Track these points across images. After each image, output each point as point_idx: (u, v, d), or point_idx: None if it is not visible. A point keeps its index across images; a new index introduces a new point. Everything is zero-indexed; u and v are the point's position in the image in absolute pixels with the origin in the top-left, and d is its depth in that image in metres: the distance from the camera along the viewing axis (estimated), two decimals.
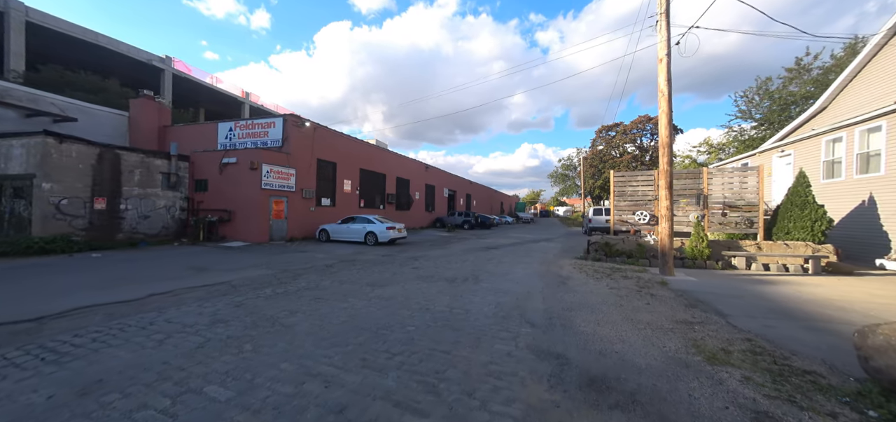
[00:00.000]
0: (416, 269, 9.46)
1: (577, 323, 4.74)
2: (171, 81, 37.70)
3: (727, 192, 10.60)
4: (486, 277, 8.24)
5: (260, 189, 15.24)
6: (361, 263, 10.48)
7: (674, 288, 7.04)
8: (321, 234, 17.16)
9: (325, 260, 10.90)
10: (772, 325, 4.62)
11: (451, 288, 7.02)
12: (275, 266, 9.40)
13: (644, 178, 11.93)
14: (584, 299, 6.08)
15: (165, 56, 36.91)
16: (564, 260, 11.45)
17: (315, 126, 18.79)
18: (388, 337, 4.17)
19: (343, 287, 6.98)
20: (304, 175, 17.81)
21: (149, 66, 34.87)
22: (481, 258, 11.73)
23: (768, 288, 7.23)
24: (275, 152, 16.47)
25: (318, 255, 12.20)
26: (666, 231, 8.46)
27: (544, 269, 9.68)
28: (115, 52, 31.67)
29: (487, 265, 10.14)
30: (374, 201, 24.72)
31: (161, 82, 36.85)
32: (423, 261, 11.00)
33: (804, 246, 9.13)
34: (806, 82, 23.58)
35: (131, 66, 34.27)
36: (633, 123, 49.13)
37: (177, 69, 38.77)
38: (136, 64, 34.02)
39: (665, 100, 8.54)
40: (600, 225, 23.66)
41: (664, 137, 8.54)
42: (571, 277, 8.37)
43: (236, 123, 17.94)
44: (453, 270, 9.33)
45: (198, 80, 40.60)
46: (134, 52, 33.38)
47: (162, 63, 36.42)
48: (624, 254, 11.03)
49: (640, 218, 11.64)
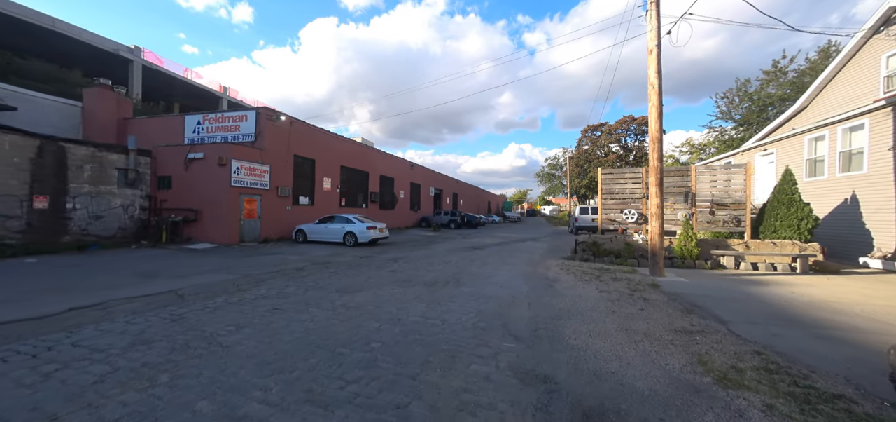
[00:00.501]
0: (394, 272, 8.78)
1: (567, 335, 4.20)
2: (141, 74, 35.46)
3: (715, 190, 10.40)
4: (469, 281, 7.65)
5: (229, 186, 14.19)
6: (336, 265, 9.72)
7: (666, 291, 6.63)
8: (298, 234, 16.22)
9: (296, 263, 10.07)
10: (777, 333, 4.20)
11: (430, 293, 6.39)
12: (237, 271, 8.53)
13: (632, 175, 11.62)
14: (573, 305, 5.57)
15: (134, 46, 34.70)
16: (551, 260, 11.00)
17: (292, 120, 17.78)
18: (346, 359, 3.51)
19: (308, 294, 6.25)
20: (279, 172, 16.79)
21: (115, 56, 32.64)
22: (465, 259, 11.16)
23: (762, 289, 6.92)
24: (246, 147, 15.41)
25: (290, 257, 11.34)
26: (656, 230, 8.08)
27: (530, 270, 9.18)
28: (76, 41, 29.45)
29: (471, 267, 9.56)
30: (357, 200, 23.81)
31: (130, 74, 34.61)
32: (403, 263, 10.33)
33: (791, 245, 8.96)
34: (782, 85, 24.13)
35: (95, 57, 32.02)
36: (618, 123, 49.75)
37: (147, 61, 36.54)
38: (100, 54, 31.79)
39: (655, 93, 8.17)
40: (587, 224, 23.54)
41: (654, 131, 8.16)
42: (559, 279, 7.89)
43: (205, 116, 16.73)
44: (434, 272, 8.70)
45: (170, 73, 38.42)
46: (98, 41, 31.19)
47: (130, 53, 34.20)
48: (612, 254, 10.68)
49: (628, 217, 11.33)
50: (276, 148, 16.62)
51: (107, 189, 12.99)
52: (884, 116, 9.29)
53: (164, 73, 37.71)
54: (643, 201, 11.30)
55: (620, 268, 9.31)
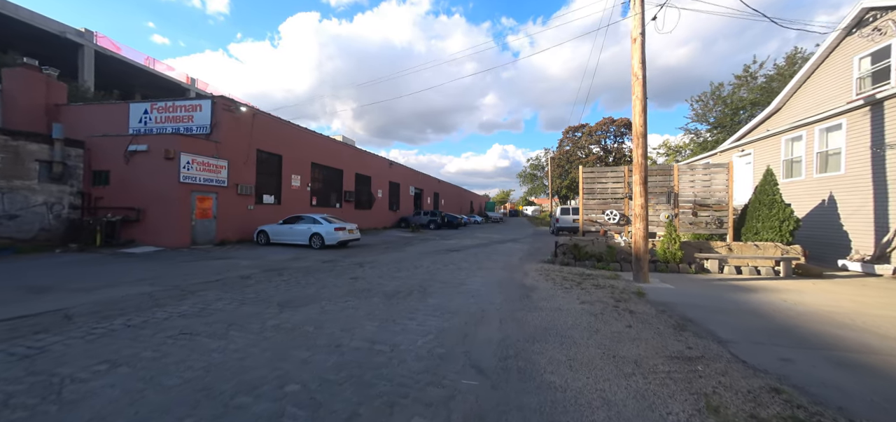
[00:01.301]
0: (354, 280, 7.78)
1: (542, 365, 3.38)
2: (93, 60, 32.44)
3: (697, 190, 10.02)
4: (437, 290, 6.77)
5: (177, 183, 12.67)
6: (291, 272, 8.59)
7: (653, 300, 5.99)
8: (260, 236, 14.84)
9: (245, 269, 8.86)
10: (788, 358, 3.56)
11: (387, 308, 5.45)
12: (167, 280, 7.27)
13: (614, 174, 11.11)
14: (551, 321, 4.78)
15: (84, 29, 31.66)
16: (530, 264, 10.30)
17: (254, 112, 16.33)
18: (242, 413, 2.53)
19: (240, 311, 5.17)
20: (239, 168, 15.33)
21: (62, 39, 29.61)
22: (438, 263, 10.27)
23: (752, 297, 6.42)
24: (200, 140, 13.89)
25: (242, 262, 10.08)
26: (640, 233, 7.48)
27: (507, 276, 8.40)
28: (12, 20, 26.44)
29: (442, 272, 8.69)
30: (329, 199, 22.46)
31: (80, 60, 31.57)
32: (368, 268, 9.32)
33: (773, 247, 8.64)
34: (753, 89, 24.74)
35: (38, 39, 28.94)
36: (599, 124, 50.39)
37: (100, 46, 33.53)
38: (43, 36, 28.76)
39: (639, 84, 7.57)
40: (568, 225, 23.23)
41: (639, 125, 7.56)
42: (537, 287, 7.14)
43: (153, 104, 15.03)
44: (400, 279, 7.76)
45: (129, 61, 35.46)
46: (40, 22, 28.21)
47: (79, 37, 31.16)
48: (594, 256, 10.09)
49: (610, 218, 10.80)
50: (235, 142, 15.15)
51: (23, 184, 11.22)
52: (861, 115, 9.16)
53: (122, 60, 34.71)
54: (625, 202, 10.80)
55: (603, 273, 8.69)
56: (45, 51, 29.37)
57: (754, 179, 12.62)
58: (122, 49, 35.90)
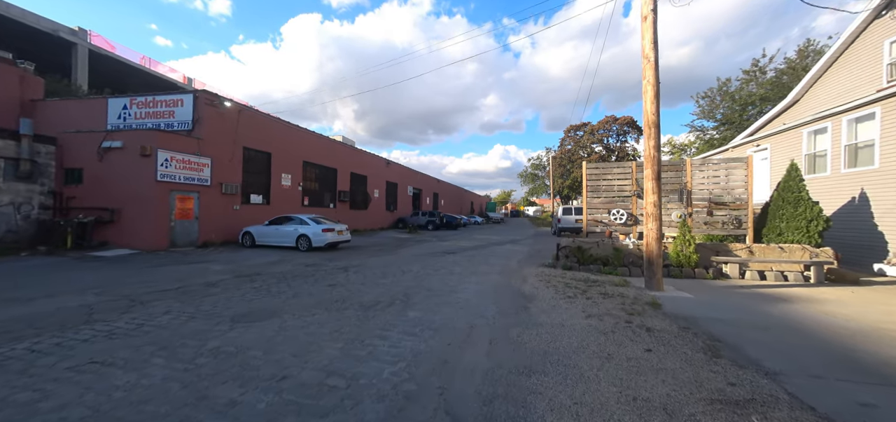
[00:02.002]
0: (332, 287, 6.96)
1: (539, 414, 2.54)
2: (87, 59, 31.81)
3: (713, 186, 9.14)
4: (422, 300, 5.94)
5: (155, 181, 11.90)
6: (265, 278, 7.78)
7: (671, 313, 5.13)
8: (245, 238, 14.06)
9: (215, 275, 8.06)
10: (868, 402, 2.70)
11: (359, 323, 4.62)
12: (117, 290, 6.47)
13: (621, 170, 10.25)
14: (552, 343, 3.94)
15: (78, 28, 31.01)
16: (530, 268, 9.45)
17: (240, 107, 15.57)
18: None
19: (184, 328, 4.36)
20: (224, 166, 14.56)
21: (55, 38, 28.98)
22: (429, 267, 9.44)
23: (787, 309, 5.55)
24: (180, 136, 13.14)
25: (215, 266, 9.28)
26: (653, 234, 6.62)
27: (504, 282, 7.56)
28: (4, 18, 25.81)
29: (432, 278, 7.85)
30: (323, 199, 21.69)
31: (73, 60, 30.94)
32: (352, 273, 8.50)
33: (801, 249, 7.75)
34: (762, 84, 23.79)
35: (30, 38, 28.31)
36: (601, 123, 49.47)
37: (94, 45, 32.92)
38: (35, 35, 28.13)
39: (651, 67, 6.72)
40: (570, 225, 22.35)
41: (650, 113, 6.70)
42: (536, 295, 6.29)
43: (132, 99, 14.29)
44: (383, 287, 6.93)
45: (123, 60, 34.87)
46: (32, 20, 27.58)
47: (73, 36, 30.53)
48: (599, 260, 9.23)
49: (617, 217, 9.94)
50: (219, 138, 14.39)
51: None
52: None
53: (116, 59, 34.13)
54: (633, 200, 9.94)
55: (610, 279, 7.83)
56: (37, 50, 28.79)
57: (771, 176, 11.73)
58: (116, 48, 35.29)
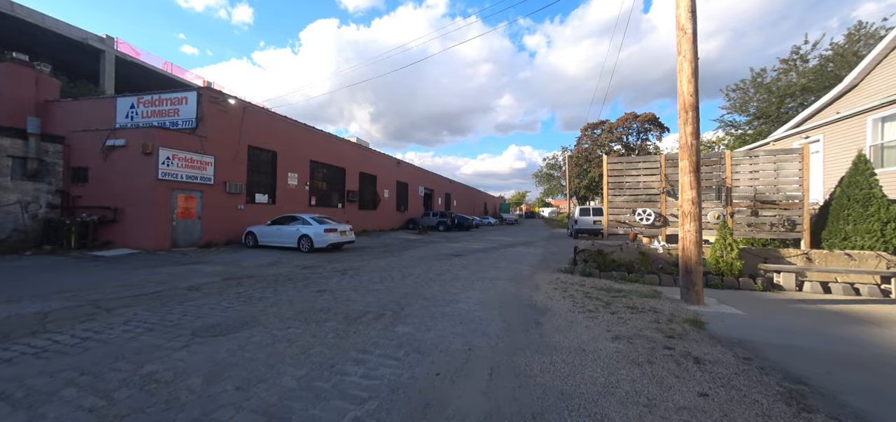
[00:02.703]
0: (321, 292, 6.29)
1: None
2: (114, 65, 32.98)
3: (758, 182, 7.91)
4: (416, 311, 5.15)
5: (155, 180, 11.67)
6: (254, 281, 7.21)
7: (722, 336, 4.13)
8: (248, 237, 13.74)
9: (204, 277, 7.56)
10: None
11: (335, 342, 3.88)
12: (89, 294, 6.01)
13: (647, 165, 9.14)
14: (569, 377, 3.06)
15: (105, 36, 32.18)
16: (543, 274, 8.49)
17: (244, 105, 15.30)
18: None
19: (132, 344, 3.75)
20: (228, 165, 14.29)
21: (84, 46, 30.13)
22: (433, 271, 8.65)
23: (879, 335, 4.41)
24: (183, 134, 12.92)
25: (207, 268, 8.83)
26: (692, 237, 5.57)
27: (513, 290, 6.67)
28: (39, 28, 26.94)
29: (432, 285, 7.05)
30: (331, 199, 21.31)
31: (101, 66, 32.12)
32: (347, 277, 7.82)
33: (874, 257, 6.48)
34: (804, 73, 21.70)
35: (62, 46, 29.53)
36: (620, 120, 47.40)
37: (121, 52, 34.07)
38: (67, 43, 29.30)
39: (688, 41, 5.69)
40: (587, 226, 21.07)
41: (688, 94, 5.67)
42: (550, 308, 5.38)
43: (140, 97, 14.24)
44: (376, 293, 6.19)
45: (147, 65, 36.02)
46: (65, 30, 28.70)
47: (101, 43, 31.66)
48: (623, 266, 8.18)
49: (643, 218, 8.84)
50: (223, 137, 14.13)
51: None
52: None
53: (140, 65, 35.25)
54: (662, 198, 8.81)
55: (636, 288, 6.79)
56: (69, 57, 30.10)
57: (825, 170, 10.26)
58: (140, 54, 36.47)
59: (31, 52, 26.33)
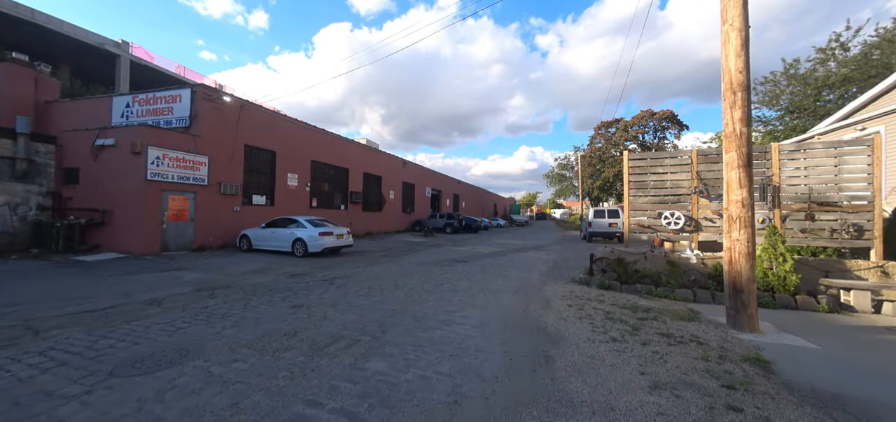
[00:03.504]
0: (296, 308, 5.45)
1: None
2: (129, 69, 33.48)
3: (814, 180, 6.67)
4: (401, 336, 4.23)
5: (144, 180, 11.15)
6: (230, 293, 6.45)
7: (800, 384, 3.05)
8: (242, 241, 13.14)
9: (178, 287, 6.84)
10: None
11: (285, 384, 3.00)
12: (34, 309, 5.33)
13: (675, 161, 7.99)
14: None
15: (121, 40, 32.69)
16: (556, 285, 7.45)
17: (241, 103, 14.75)
18: None
19: (23, 387, 2.96)
20: (222, 164, 13.75)
21: (101, 51, 30.64)
22: (430, 282, 7.72)
23: None
24: (175, 133, 12.41)
25: (188, 275, 8.15)
26: (742, 247, 4.47)
27: (520, 307, 5.68)
28: (57, 34, 27.40)
29: (427, 300, 6.12)
30: (333, 201, 20.67)
31: (117, 70, 32.64)
32: (334, 288, 6.98)
33: None
34: (846, 62, 19.82)
35: (80, 51, 30.08)
36: (635, 118, 45.53)
37: (135, 56, 34.55)
38: (84, 48, 29.82)
39: (736, 4, 4.60)
40: (603, 230, 19.77)
41: (736, 70, 4.58)
42: (564, 334, 4.37)
43: (135, 96, 13.86)
44: (359, 310, 5.30)
45: (160, 69, 36.55)
46: (82, 35, 29.18)
47: (117, 48, 32.16)
48: (648, 277, 7.07)
49: (671, 222, 7.69)
50: (218, 135, 13.59)
51: None
52: None
53: (154, 69, 35.74)
54: (693, 199, 7.65)
55: (667, 306, 5.70)
56: (86, 62, 30.62)
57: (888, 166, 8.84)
58: (155, 59, 36.98)
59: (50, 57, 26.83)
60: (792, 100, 22.01)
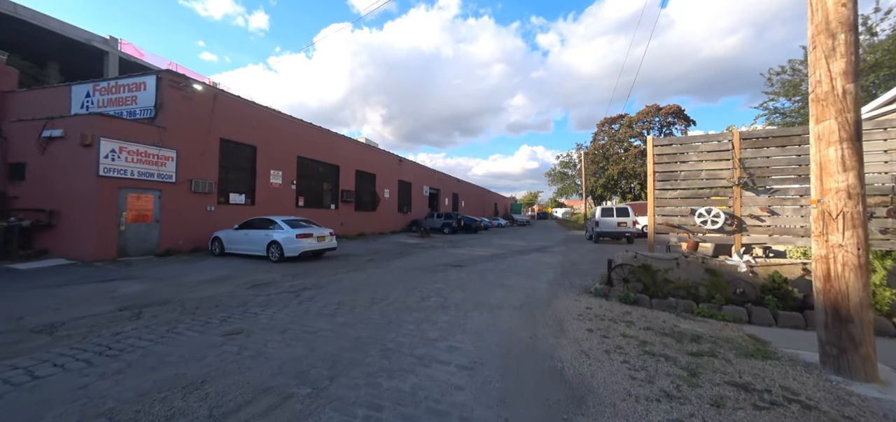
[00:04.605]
0: (235, 335, 4.12)
1: None
2: (118, 67, 32.24)
3: None
4: (356, 384, 2.88)
5: (96, 177, 9.84)
6: (166, 310, 5.11)
7: None
8: (214, 244, 11.84)
9: (96, 306, 5.51)
10: None
11: None
12: None
13: (711, 147, 6.60)
14: None
15: (109, 37, 31.45)
16: (567, 299, 6.09)
17: (215, 93, 13.42)
18: None
19: None
20: (195, 160, 12.43)
21: (89, 47, 29.41)
22: (416, 294, 6.36)
23: None
24: (133, 124, 11.11)
25: (126, 288, 6.83)
26: (850, 257, 3.10)
27: (525, 332, 4.32)
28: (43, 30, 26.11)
29: (406, 321, 4.76)
30: (322, 200, 19.34)
31: (104, 68, 31.41)
32: (295, 305, 5.63)
33: None
34: (874, 48, 18.33)
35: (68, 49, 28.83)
36: (640, 114, 44.10)
37: (124, 53, 33.31)
38: (71, 44, 28.56)
39: None
40: (610, 229, 18.36)
41: (835, 3, 3.19)
42: (593, 387, 3.01)
43: (95, 85, 12.55)
44: (314, 339, 3.95)
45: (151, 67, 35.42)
46: (68, 31, 27.90)
47: (105, 44, 30.93)
48: (683, 289, 5.71)
49: (709, 220, 6.31)
50: (189, 128, 12.27)
51: None
52: None
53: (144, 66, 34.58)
54: (736, 192, 6.27)
55: (721, 332, 4.34)
56: (74, 59, 29.39)
57: None
58: (145, 56, 35.73)
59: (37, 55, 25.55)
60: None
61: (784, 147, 6.05)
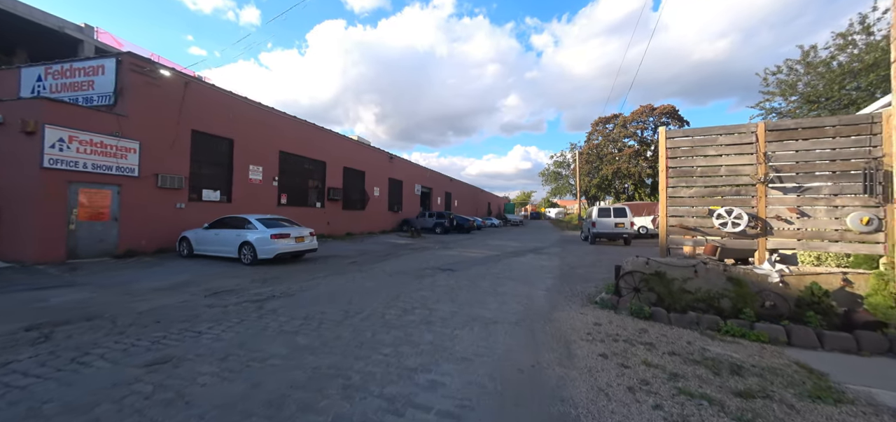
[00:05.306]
0: (158, 366, 3.21)
1: None
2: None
3: None
4: None
5: (39, 169, 8.72)
6: (84, 332, 4.16)
7: None
8: (182, 244, 10.80)
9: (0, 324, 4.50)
10: None
11: None
12: None
13: (731, 140, 5.88)
14: None
15: (84, 24, 29.50)
16: (571, 311, 5.30)
17: (186, 80, 12.30)
18: None
19: None
20: (162, 152, 11.32)
21: (61, 35, 27.55)
22: (398, 305, 5.49)
23: None
24: (86, 110, 9.99)
25: (59, 297, 5.82)
26: None
27: (526, 360, 3.50)
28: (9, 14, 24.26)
29: (382, 343, 3.90)
30: (307, 197, 18.29)
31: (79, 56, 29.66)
32: (252, 320, 4.72)
33: None
34: (872, 47, 18.08)
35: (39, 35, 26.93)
36: (634, 114, 43.84)
37: (101, 42, 31.33)
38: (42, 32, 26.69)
39: None
40: (607, 230, 17.75)
41: None
42: None
43: (47, 68, 11.35)
44: (259, 371, 3.06)
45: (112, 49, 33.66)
46: (39, 17, 26.03)
47: (79, 32, 28.98)
48: (704, 301, 4.96)
49: (730, 222, 5.59)
50: (155, 117, 11.16)
51: None
52: None
53: None
54: (760, 190, 5.56)
55: (762, 359, 3.61)
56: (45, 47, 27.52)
57: None
58: (123, 45, 33.85)
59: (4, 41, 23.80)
60: (813, 88, 20.25)
61: (816, 140, 5.35)
